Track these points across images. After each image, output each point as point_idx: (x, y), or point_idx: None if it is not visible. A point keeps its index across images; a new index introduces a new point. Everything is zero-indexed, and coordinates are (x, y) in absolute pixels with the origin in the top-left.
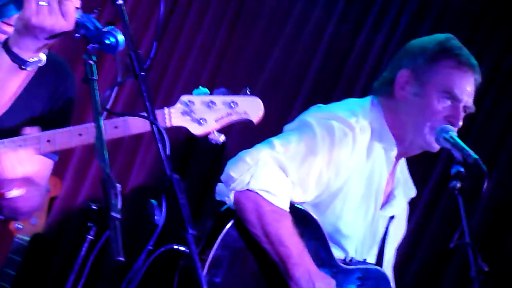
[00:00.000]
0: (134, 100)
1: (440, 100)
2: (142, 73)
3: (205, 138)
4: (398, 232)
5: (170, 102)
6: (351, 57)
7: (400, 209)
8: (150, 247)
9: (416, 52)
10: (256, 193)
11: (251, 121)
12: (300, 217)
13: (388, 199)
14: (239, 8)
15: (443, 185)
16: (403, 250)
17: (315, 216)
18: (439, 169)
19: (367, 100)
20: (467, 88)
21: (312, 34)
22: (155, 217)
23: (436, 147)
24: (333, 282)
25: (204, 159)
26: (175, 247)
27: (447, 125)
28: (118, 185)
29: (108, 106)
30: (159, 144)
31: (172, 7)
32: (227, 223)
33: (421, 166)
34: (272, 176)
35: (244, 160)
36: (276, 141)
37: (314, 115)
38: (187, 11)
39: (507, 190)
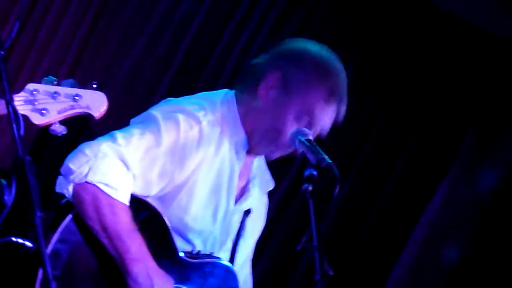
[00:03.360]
0: None
1: (295, 122)
2: (1, 52)
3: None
4: (256, 226)
5: None
6: (214, 52)
7: (256, 202)
8: None
9: (295, 59)
10: (94, 185)
11: (92, 116)
12: (142, 210)
13: (243, 193)
14: None
15: (295, 188)
16: None
17: (158, 210)
18: (292, 172)
19: (220, 93)
20: (328, 118)
21: (177, 27)
22: (4, 197)
23: (272, 158)
24: (171, 280)
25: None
26: (14, 239)
27: (304, 128)
28: None
29: None
30: (13, 125)
31: None
32: (66, 216)
33: (275, 168)
34: (111, 169)
35: (84, 152)
36: (118, 134)
37: (161, 109)
38: None
39: (359, 197)
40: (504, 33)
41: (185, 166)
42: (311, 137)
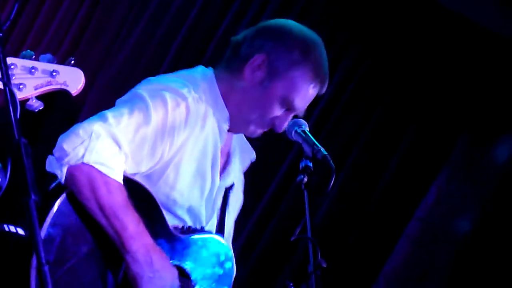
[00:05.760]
0: None
1: (279, 105)
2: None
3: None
4: (237, 203)
5: None
6: (211, 43)
7: (237, 176)
8: None
9: (283, 43)
10: (91, 166)
11: (69, 92)
12: (133, 189)
13: (224, 168)
14: None
15: (290, 179)
16: (246, 239)
17: (147, 187)
18: (288, 163)
19: (197, 70)
20: (308, 102)
21: (176, 13)
22: None
23: (253, 136)
24: (167, 257)
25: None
26: (6, 228)
27: (300, 119)
28: None
29: None
30: (10, 107)
31: None
32: (57, 199)
33: (270, 158)
34: (105, 149)
35: (77, 134)
36: (108, 113)
37: (146, 87)
38: None
39: (353, 189)
40: (504, 31)
41: (174, 143)
42: (307, 128)
